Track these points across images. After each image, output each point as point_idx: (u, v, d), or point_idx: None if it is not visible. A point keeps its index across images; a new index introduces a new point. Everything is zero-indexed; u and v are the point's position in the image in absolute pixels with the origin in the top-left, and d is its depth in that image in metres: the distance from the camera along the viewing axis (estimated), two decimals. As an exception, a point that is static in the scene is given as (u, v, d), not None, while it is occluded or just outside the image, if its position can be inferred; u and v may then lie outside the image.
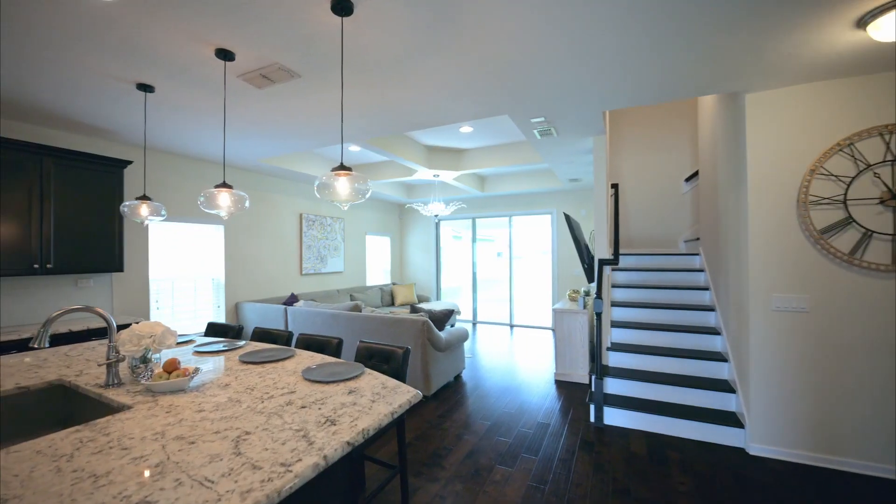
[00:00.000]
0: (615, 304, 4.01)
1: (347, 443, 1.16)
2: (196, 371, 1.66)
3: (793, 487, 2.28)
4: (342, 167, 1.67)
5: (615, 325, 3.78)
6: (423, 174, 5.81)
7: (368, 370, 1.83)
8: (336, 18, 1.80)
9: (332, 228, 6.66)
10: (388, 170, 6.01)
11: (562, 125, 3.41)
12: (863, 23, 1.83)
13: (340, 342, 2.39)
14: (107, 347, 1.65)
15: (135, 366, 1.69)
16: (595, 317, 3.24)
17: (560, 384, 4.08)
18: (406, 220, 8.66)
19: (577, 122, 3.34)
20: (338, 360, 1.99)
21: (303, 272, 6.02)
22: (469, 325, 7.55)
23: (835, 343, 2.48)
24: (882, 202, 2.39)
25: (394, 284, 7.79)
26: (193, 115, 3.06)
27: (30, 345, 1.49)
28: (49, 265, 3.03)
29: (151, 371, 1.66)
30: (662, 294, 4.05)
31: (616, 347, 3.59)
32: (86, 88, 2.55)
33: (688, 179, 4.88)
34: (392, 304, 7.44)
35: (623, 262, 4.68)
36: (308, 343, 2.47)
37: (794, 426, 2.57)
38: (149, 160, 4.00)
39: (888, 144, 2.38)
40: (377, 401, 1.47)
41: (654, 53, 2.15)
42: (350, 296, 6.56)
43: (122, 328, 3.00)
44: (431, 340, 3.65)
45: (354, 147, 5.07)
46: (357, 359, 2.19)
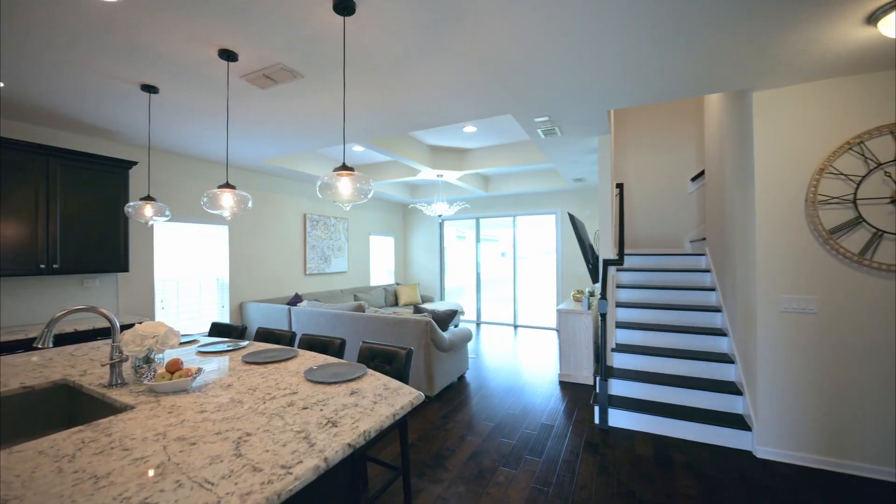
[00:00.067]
0: (620, 305, 3.98)
1: (348, 444, 1.15)
2: (199, 371, 1.66)
3: (801, 491, 2.25)
4: (344, 167, 1.66)
5: (620, 326, 3.75)
6: (427, 174, 5.80)
7: (371, 371, 1.82)
8: (338, 18, 1.80)
9: (336, 228, 6.68)
10: (392, 170, 6.01)
11: (566, 124, 3.39)
12: (873, 19, 1.80)
13: (343, 343, 2.39)
14: (110, 347, 1.65)
15: (138, 366, 1.70)
16: (599, 317, 3.21)
17: (564, 385, 4.05)
18: (410, 220, 8.66)
19: (582, 122, 3.32)
20: (340, 361, 1.98)
21: (307, 272, 6.03)
22: (473, 326, 7.54)
23: (844, 345, 2.44)
24: (893, 202, 2.34)
25: (397, 285, 7.79)
26: (197, 116, 3.08)
27: (34, 345, 1.50)
28: (55, 265, 3.05)
29: (154, 371, 1.66)
30: (668, 295, 4.02)
31: (621, 348, 3.56)
32: (91, 89, 2.57)
33: (693, 179, 4.83)
34: (396, 305, 7.44)
35: (628, 263, 4.64)
36: (311, 343, 2.46)
37: (803, 429, 2.53)
38: (153, 161, 4.02)
39: (899, 143, 2.34)
40: (379, 402, 1.46)
41: (659, 51, 2.12)
42: (354, 296, 6.57)
43: (128, 328, 3.02)
44: (435, 341, 3.64)
45: (358, 147, 5.07)
46: (360, 359, 2.19)
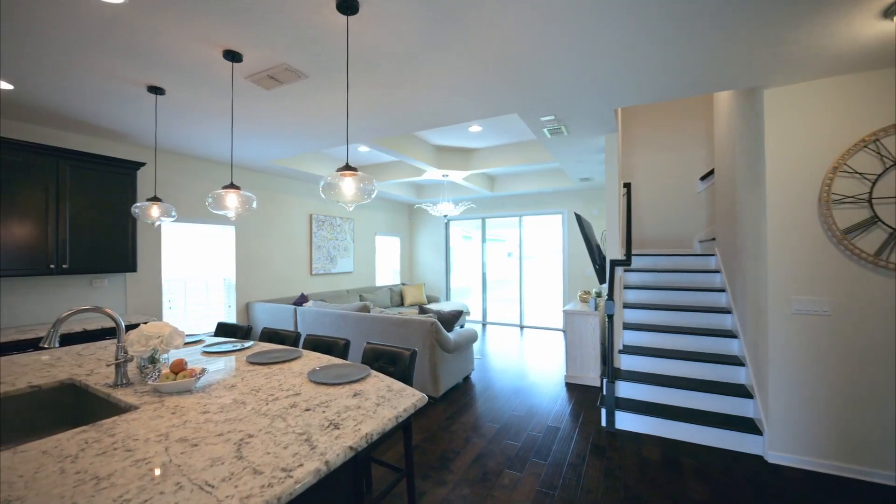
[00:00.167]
0: (627, 306, 3.93)
1: (350, 447, 1.14)
2: (203, 372, 1.66)
3: (813, 498, 2.19)
4: (347, 167, 1.65)
5: (627, 328, 3.70)
6: (433, 174, 5.79)
7: (374, 372, 1.81)
8: (341, 17, 1.79)
9: (342, 229, 6.69)
10: (397, 170, 6.01)
11: (572, 123, 3.35)
12: (890, 13, 1.75)
13: (347, 343, 2.38)
14: (115, 348, 1.66)
15: (143, 366, 1.70)
16: (607, 319, 3.17)
17: (570, 387, 4.01)
18: (416, 221, 8.65)
19: (589, 121, 3.28)
20: (344, 362, 1.97)
21: (312, 272, 6.05)
22: (479, 326, 7.51)
23: (858, 348, 2.38)
24: (910, 201, 2.28)
25: (403, 285, 7.79)
26: (203, 117, 3.09)
27: (40, 344, 1.51)
28: (65, 265, 3.09)
29: (159, 371, 1.67)
30: (676, 296, 3.96)
31: (628, 350, 3.51)
32: (98, 91, 2.59)
33: (703, 178, 4.76)
34: (401, 305, 7.43)
35: (636, 263, 4.59)
36: (315, 344, 2.46)
37: (815, 433, 2.47)
38: (159, 161, 4.06)
39: (917, 140, 2.27)
40: (382, 404, 1.45)
41: (668, 48, 2.09)
42: (359, 296, 6.58)
43: (134, 328, 3.04)
44: (440, 342, 3.62)
45: (363, 147, 5.07)
46: (364, 360, 2.18)
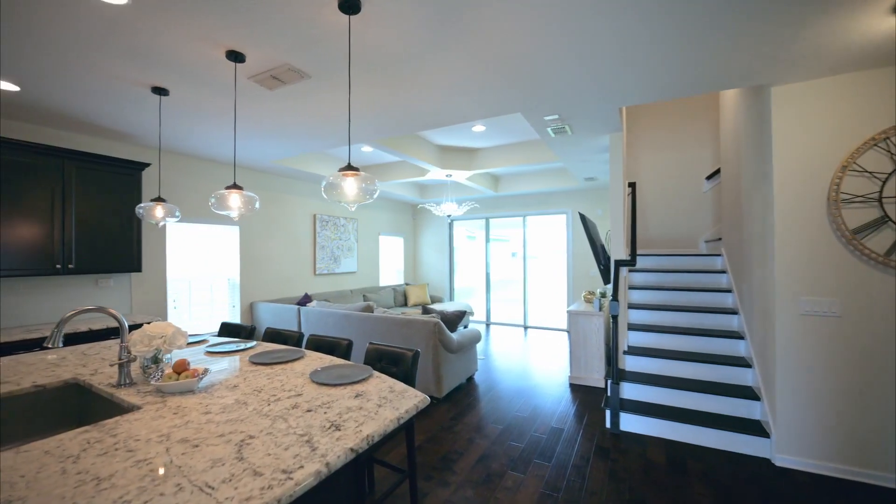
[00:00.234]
0: (632, 307, 3.90)
1: (351, 449, 1.13)
2: (205, 372, 1.66)
3: (821, 501, 2.16)
4: (349, 167, 1.65)
5: (632, 328, 3.67)
6: (436, 174, 5.78)
7: (377, 373, 1.80)
8: (344, 17, 1.79)
9: (346, 229, 6.70)
10: (401, 170, 6.01)
11: (576, 123, 3.33)
12: (901, 8, 1.72)
13: (350, 344, 2.38)
14: (119, 348, 1.66)
15: (146, 366, 1.71)
16: (611, 319, 3.14)
17: (575, 388, 3.99)
18: (419, 221, 8.65)
19: (593, 120, 3.26)
20: (346, 363, 1.97)
21: (316, 272, 6.07)
22: (482, 327, 7.49)
23: (868, 349, 2.34)
24: (922, 200, 2.24)
25: (407, 285, 7.79)
26: (207, 118, 3.10)
27: (44, 344, 1.52)
28: (70, 265, 3.11)
29: (162, 371, 1.67)
30: (682, 296, 3.92)
31: (633, 351, 3.48)
32: (103, 92, 2.61)
33: (709, 177, 4.71)
34: (405, 305, 7.43)
35: (641, 263, 4.55)
36: (318, 344, 2.46)
37: (824, 437, 2.43)
38: (164, 162, 4.08)
39: (929, 138, 2.23)
40: (384, 405, 1.44)
41: (673, 46, 2.06)
42: (363, 296, 6.58)
43: (138, 328, 3.06)
44: (443, 342, 3.61)
45: (367, 148, 5.07)
46: (366, 361, 2.17)
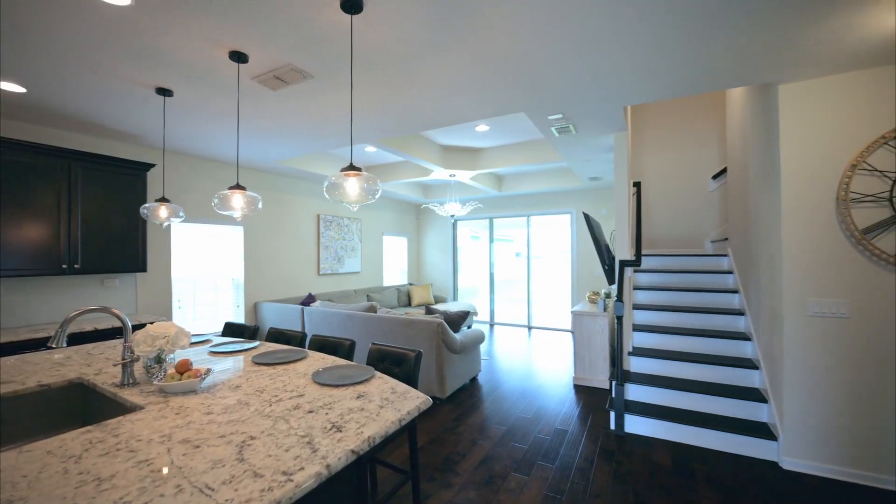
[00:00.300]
0: (637, 307, 3.87)
1: (352, 451, 1.12)
2: (208, 372, 1.66)
3: (832, 506, 2.13)
4: (352, 167, 1.64)
5: (637, 329, 3.64)
6: (440, 174, 5.77)
7: (379, 374, 1.79)
8: (346, 17, 1.78)
9: (350, 229, 6.71)
10: (404, 170, 6.00)
11: (581, 122, 3.31)
12: (913, 3, 1.68)
13: (353, 344, 2.37)
14: (122, 348, 1.67)
15: (149, 366, 1.71)
16: (616, 320, 3.12)
17: (579, 389, 3.96)
18: (423, 221, 8.65)
19: (597, 119, 3.23)
20: (349, 363, 1.96)
21: (320, 272, 6.08)
22: (486, 327, 7.47)
23: (878, 351, 2.30)
24: (934, 199, 2.20)
25: (410, 285, 7.79)
26: (211, 118, 3.12)
27: (48, 344, 1.52)
28: (76, 265, 3.14)
29: (165, 371, 1.67)
30: (688, 297, 3.88)
31: (638, 352, 3.45)
32: (108, 93, 2.62)
33: (715, 177, 4.66)
34: (409, 305, 7.43)
35: (646, 264, 4.52)
36: (321, 344, 2.46)
37: (833, 440, 2.40)
38: (168, 162, 4.10)
39: (941, 136, 2.19)
40: (385, 407, 1.43)
41: (679, 43, 2.04)
42: (367, 296, 6.59)
43: (142, 328, 3.08)
44: (446, 342, 3.60)
45: (370, 148, 5.08)
46: (369, 361, 2.16)
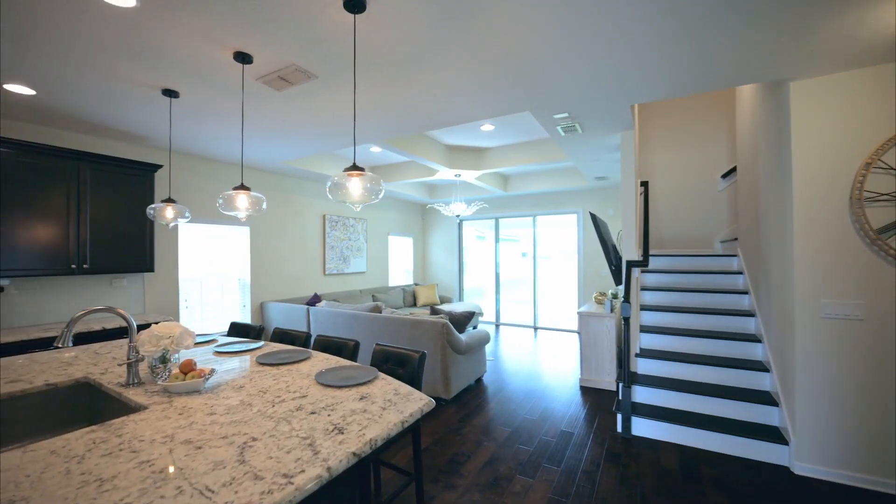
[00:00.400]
0: (644, 308, 3.82)
1: (353, 453, 1.11)
2: (211, 372, 1.66)
3: (846, 513, 2.07)
4: (355, 167, 1.63)
5: (644, 330, 3.60)
6: (445, 174, 5.76)
7: (382, 375, 1.78)
8: (349, 16, 1.77)
9: (355, 229, 6.72)
10: (410, 170, 6.00)
11: (587, 121, 3.27)
12: (931, -4, 1.63)
13: (357, 345, 2.37)
14: (127, 348, 1.68)
15: (154, 366, 1.72)
16: (622, 321, 3.08)
17: (585, 391, 3.92)
18: (429, 221, 8.64)
19: (604, 118, 3.20)
20: (352, 364, 1.96)
21: (326, 272, 6.10)
22: (492, 327, 7.44)
23: (893, 354, 2.24)
24: (952, 198, 2.14)
25: (416, 285, 7.78)
26: (216, 119, 3.13)
27: (54, 344, 1.53)
28: (85, 265, 3.18)
29: (169, 371, 1.68)
30: (696, 298, 3.82)
31: (645, 354, 3.40)
32: (115, 95, 2.65)
33: (725, 176, 4.59)
34: (414, 305, 7.43)
35: (653, 264, 4.46)
36: (326, 345, 2.45)
37: (846, 445, 2.34)
38: (174, 163, 4.14)
39: (960, 133, 2.12)
40: (388, 408, 1.42)
41: (688, 40, 2.00)
42: (372, 296, 6.60)
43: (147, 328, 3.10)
44: (451, 343, 3.59)
45: (375, 148, 5.08)
46: (373, 362, 2.16)
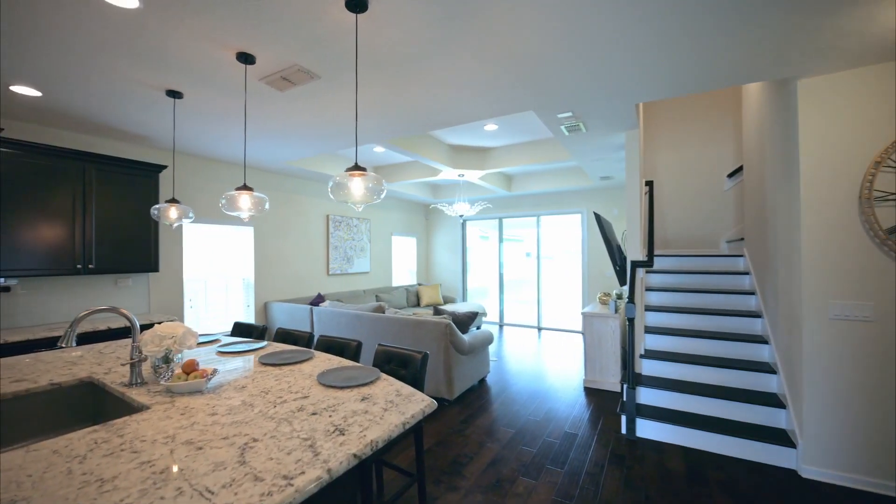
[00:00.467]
0: (649, 309, 3.79)
1: (354, 455, 1.11)
2: (214, 372, 1.66)
3: (855, 518, 2.04)
4: (356, 167, 1.63)
5: (649, 331, 3.56)
6: (448, 174, 5.75)
7: (384, 376, 1.78)
8: (351, 16, 1.77)
9: (359, 229, 6.73)
10: (413, 170, 6.00)
11: (591, 120, 3.25)
12: (943, -9, 1.60)
13: (359, 345, 2.36)
14: (130, 348, 1.68)
15: (157, 366, 1.72)
16: (627, 322, 3.05)
17: (589, 392, 3.90)
18: (432, 221, 8.63)
19: (608, 117, 3.17)
20: (355, 365, 1.95)
21: (329, 272, 6.11)
22: (495, 328, 7.42)
23: (905, 356, 2.21)
24: (964, 197, 2.10)
25: (419, 285, 7.78)
26: (220, 120, 3.14)
27: (58, 344, 1.54)
28: (91, 266, 3.20)
29: (172, 371, 1.68)
30: (702, 298, 3.79)
31: (650, 355, 3.37)
32: (120, 96, 2.66)
33: (731, 175, 4.55)
34: (417, 305, 7.42)
35: (658, 264, 4.42)
36: (328, 345, 2.45)
37: (855, 448, 2.30)
38: (178, 164, 4.16)
39: (972, 131, 2.08)
40: (389, 409, 1.41)
41: (693, 37, 1.98)
42: (376, 296, 6.60)
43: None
44: (454, 343, 3.58)
45: (379, 148, 5.08)
46: (375, 363, 2.15)
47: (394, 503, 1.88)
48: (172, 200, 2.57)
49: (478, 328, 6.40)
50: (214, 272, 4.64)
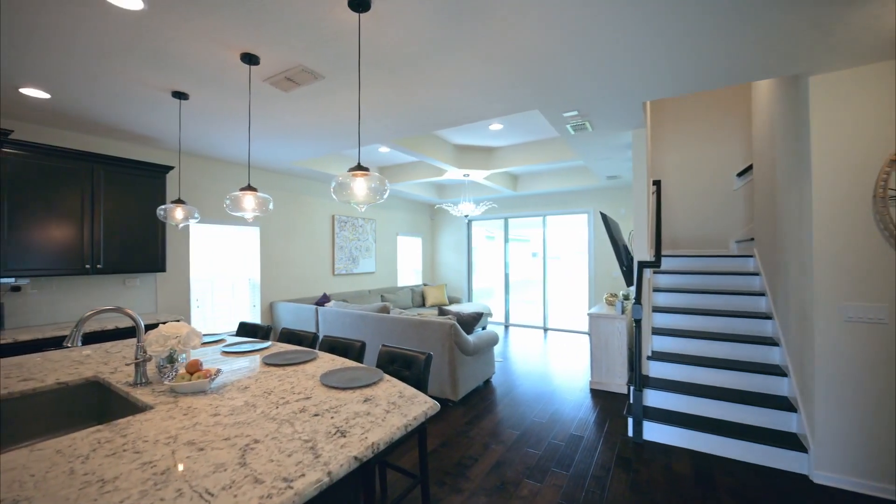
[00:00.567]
0: (657, 310, 3.74)
1: (355, 458, 1.10)
2: (217, 372, 1.67)
3: (869, 525, 1.99)
4: (359, 167, 1.62)
5: (657, 333, 3.52)
6: (453, 174, 5.73)
7: (387, 377, 1.77)
8: (354, 15, 1.76)
9: (364, 229, 6.74)
10: (418, 170, 5.99)
11: (597, 119, 3.21)
12: (961, -16, 1.55)
13: (363, 346, 2.36)
14: (135, 347, 1.69)
15: (161, 365, 1.73)
16: (634, 323, 3.01)
17: (595, 393, 3.86)
18: (437, 221, 8.62)
19: (614, 115, 3.14)
20: (358, 365, 1.95)
21: (335, 273, 6.12)
22: (501, 328, 7.39)
23: (922, 360, 2.15)
24: (984, 196, 2.03)
25: (425, 285, 7.77)
26: (225, 121, 3.16)
27: (63, 343, 1.55)
28: (99, 266, 3.23)
29: (176, 371, 1.69)
30: (710, 299, 3.73)
31: (658, 356, 3.33)
32: (126, 97, 2.68)
33: (740, 174, 4.47)
34: (423, 305, 7.42)
35: (666, 265, 4.37)
36: (332, 345, 2.45)
37: (868, 453, 2.25)
38: (184, 164, 4.18)
39: None
40: (392, 411, 1.40)
41: (701, 34, 1.94)
42: (381, 296, 6.61)
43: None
44: (459, 344, 3.56)
45: (384, 148, 5.08)
46: (379, 364, 2.14)
47: (397, 505, 1.87)
48: (178, 201, 2.59)
49: (483, 329, 6.38)
50: (221, 272, 4.67)
